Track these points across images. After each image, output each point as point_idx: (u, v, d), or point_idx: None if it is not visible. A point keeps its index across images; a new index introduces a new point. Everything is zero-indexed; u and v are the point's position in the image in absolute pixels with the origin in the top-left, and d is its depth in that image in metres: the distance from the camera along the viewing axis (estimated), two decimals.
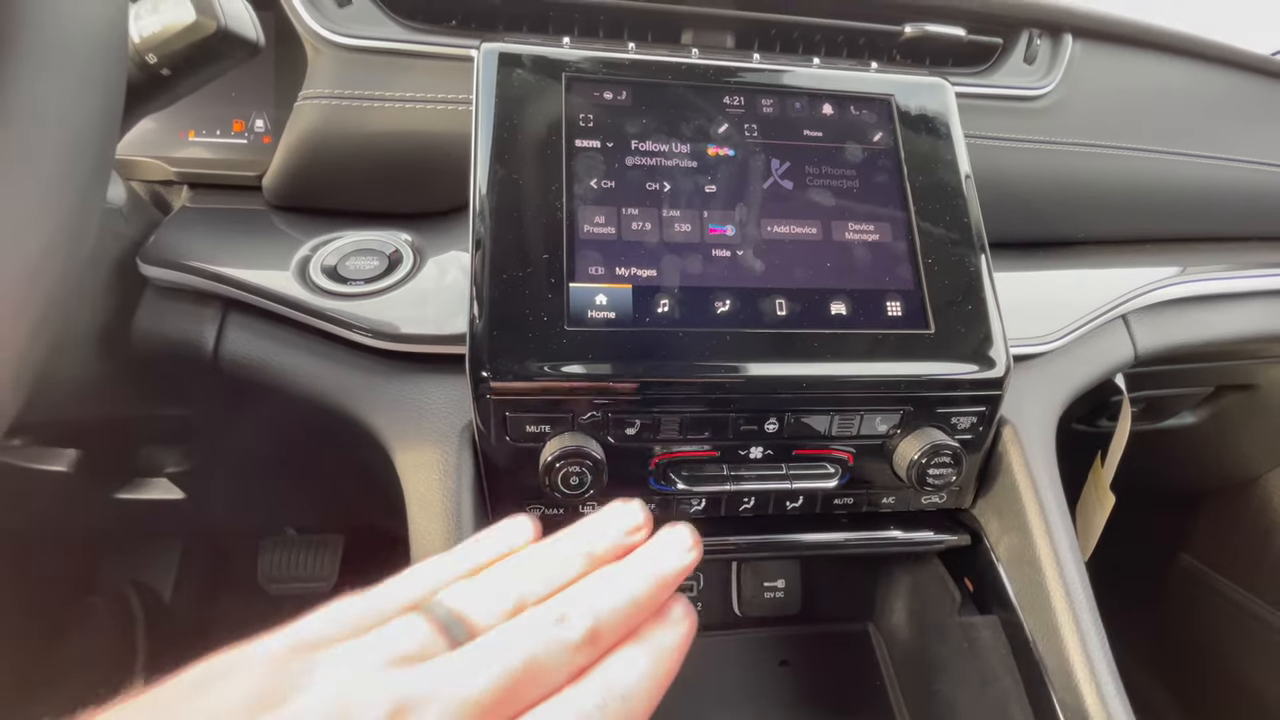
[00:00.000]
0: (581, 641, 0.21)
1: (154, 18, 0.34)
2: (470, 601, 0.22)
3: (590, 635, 0.21)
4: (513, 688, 0.20)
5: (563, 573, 0.24)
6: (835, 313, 0.42)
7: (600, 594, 0.23)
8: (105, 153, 0.28)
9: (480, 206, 0.40)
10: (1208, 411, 0.79)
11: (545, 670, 0.20)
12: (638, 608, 0.23)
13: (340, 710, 0.18)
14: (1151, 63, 0.62)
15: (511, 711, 0.20)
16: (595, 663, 0.22)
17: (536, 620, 0.21)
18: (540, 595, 0.23)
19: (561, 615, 0.22)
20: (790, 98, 0.46)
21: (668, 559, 0.24)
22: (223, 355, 0.45)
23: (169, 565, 0.95)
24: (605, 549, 0.25)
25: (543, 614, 0.22)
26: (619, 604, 0.22)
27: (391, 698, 0.19)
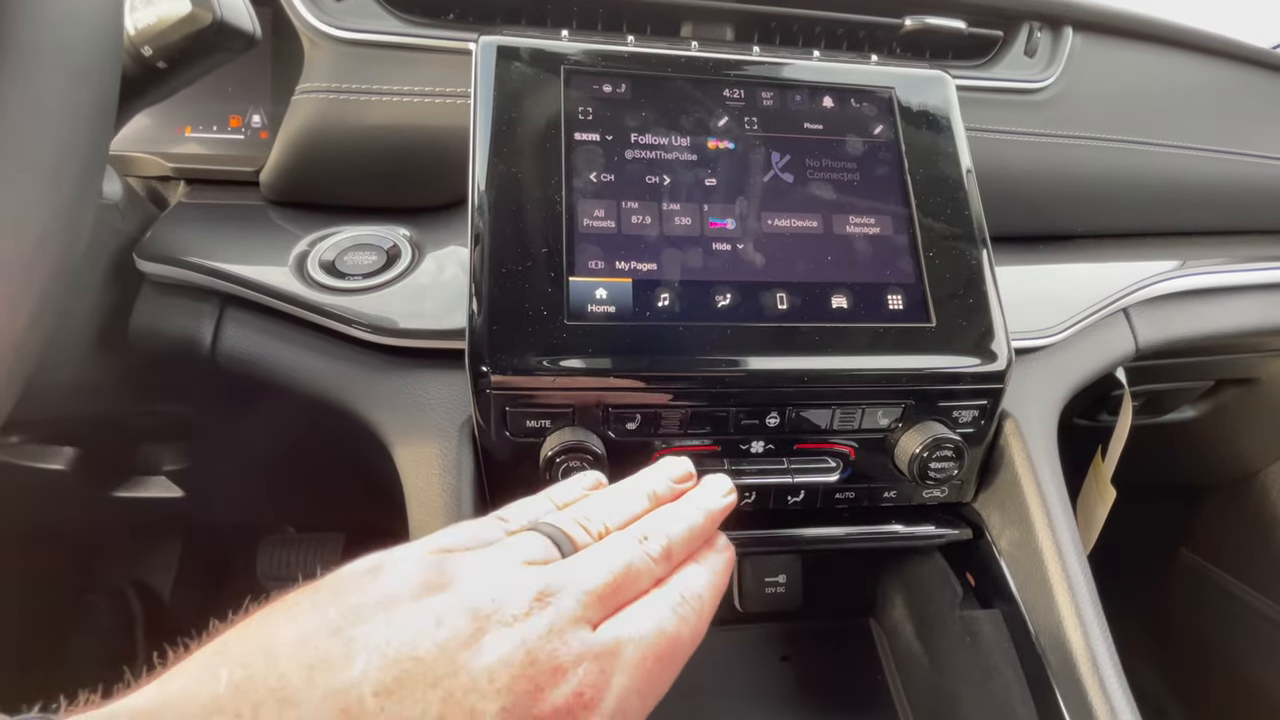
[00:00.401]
0: (660, 556, 0.27)
1: (149, 10, 0.33)
2: (570, 525, 0.27)
3: (665, 552, 0.27)
4: (618, 584, 0.25)
5: (633, 507, 0.29)
6: (836, 306, 0.42)
7: (668, 522, 0.28)
8: (99, 147, 0.28)
9: (479, 201, 0.40)
10: (1208, 406, 0.79)
11: (638, 574, 0.26)
12: (695, 534, 0.29)
13: (498, 591, 0.23)
14: (1152, 56, 0.62)
15: (618, 602, 0.25)
16: (668, 575, 0.27)
17: (626, 538, 0.27)
18: (620, 523, 0.28)
19: (644, 535, 0.27)
20: (790, 90, 0.46)
21: (713, 499, 0.31)
22: (220, 351, 0.45)
23: (168, 563, 0.95)
24: (664, 492, 0.31)
25: (629, 534, 0.27)
26: (682, 530, 0.28)
27: (535, 585, 0.23)
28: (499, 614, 0.22)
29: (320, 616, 0.21)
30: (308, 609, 0.22)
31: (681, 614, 0.26)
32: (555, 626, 0.22)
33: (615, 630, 0.24)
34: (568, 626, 0.23)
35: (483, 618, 0.22)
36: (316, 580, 0.23)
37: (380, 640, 0.20)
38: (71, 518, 0.78)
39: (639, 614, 0.25)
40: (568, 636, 0.22)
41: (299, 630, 0.21)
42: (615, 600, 0.25)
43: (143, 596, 0.90)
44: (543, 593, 0.23)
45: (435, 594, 0.22)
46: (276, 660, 0.20)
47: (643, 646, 0.24)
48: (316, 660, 0.20)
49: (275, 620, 0.21)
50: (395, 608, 0.22)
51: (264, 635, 0.21)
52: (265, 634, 0.21)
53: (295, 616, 0.21)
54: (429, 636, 0.21)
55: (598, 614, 0.24)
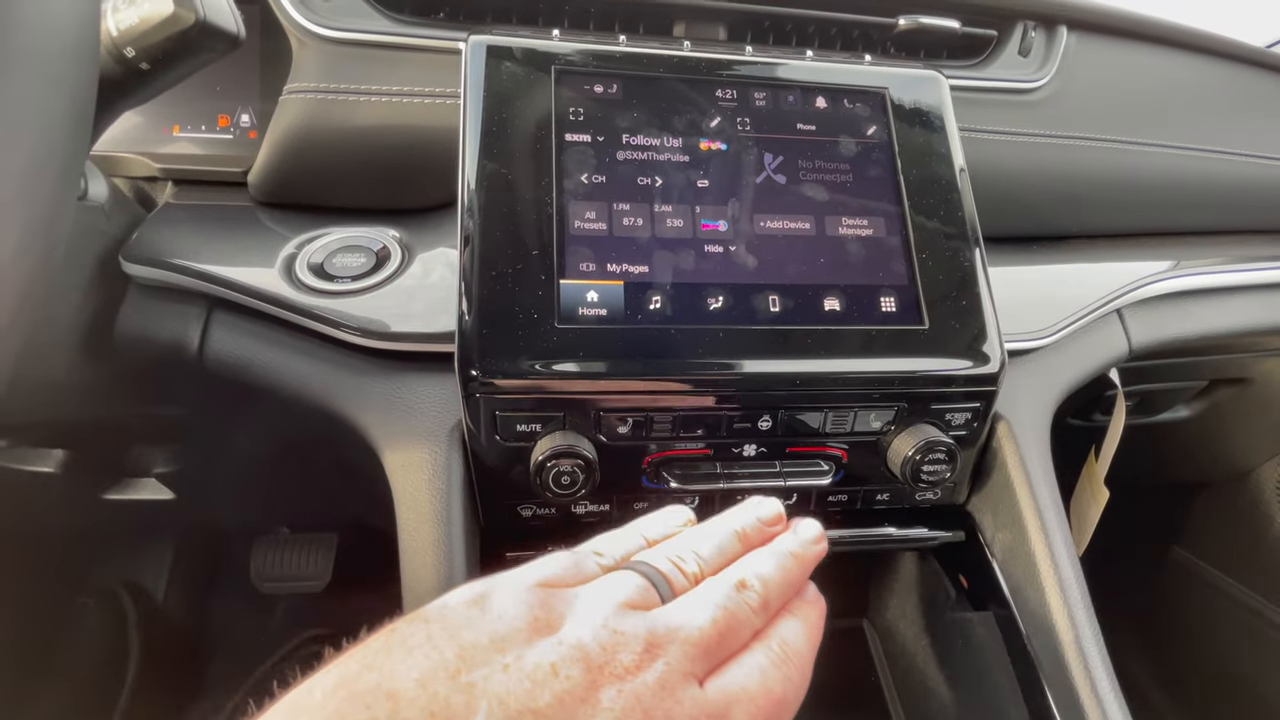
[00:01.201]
0: (759, 606, 0.26)
1: (131, 10, 0.33)
2: (666, 565, 0.27)
3: (763, 601, 0.26)
4: (722, 636, 0.24)
5: (726, 549, 0.29)
6: (829, 309, 0.42)
7: (764, 568, 0.28)
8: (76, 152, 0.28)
9: (469, 202, 0.40)
10: (1201, 405, 0.79)
11: (740, 625, 0.25)
12: (790, 583, 0.28)
13: (609, 640, 0.22)
14: (1146, 55, 0.62)
15: (722, 655, 0.25)
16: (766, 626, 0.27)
17: (724, 585, 0.26)
18: (714, 566, 0.28)
19: (741, 581, 0.26)
20: (783, 91, 0.46)
21: (806, 548, 0.30)
22: (208, 355, 0.44)
23: (161, 565, 0.94)
24: (753, 534, 0.30)
25: (726, 581, 0.26)
26: (778, 578, 0.27)
27: (644, 635, 0.23)
28: (611, 665, 0.22)
29: (437, 655, 0.21)
30: (423, 643, 0.22)
31: (785, 672, 0.25)
32: (667, 682, 0.22)
33: (725, 688, 0.24)
34: (679, 683, 0.22)
35: (595, 669, 0.22)
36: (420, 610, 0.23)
37: (500, 689, 0.21)
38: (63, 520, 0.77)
39: (746, 672, 0.24)
40: (679, 694, 0.22)
41: (418, 670, 0.21)
42: (719, 653, 0.24)
43: (136, 598, 0.90)
44: (650, 643, 0.23)
45: (545, 636, 0.22)
46: (399, 704, 0.20)
47: (750, 708, 0.23)
48: (439, 708, 0.20)
49: (393, 655, 0.21)
50: (509, 650, 0.22)
51: (385, 673, 0.21)
52: (386, 669, 0.21)
53: (411, 652, 0.21)
54: (547, 688, 0.21)
55: (704, 668, 0.24)
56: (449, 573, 0.38)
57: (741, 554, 0.29)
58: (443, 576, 0.38)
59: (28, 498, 0.67)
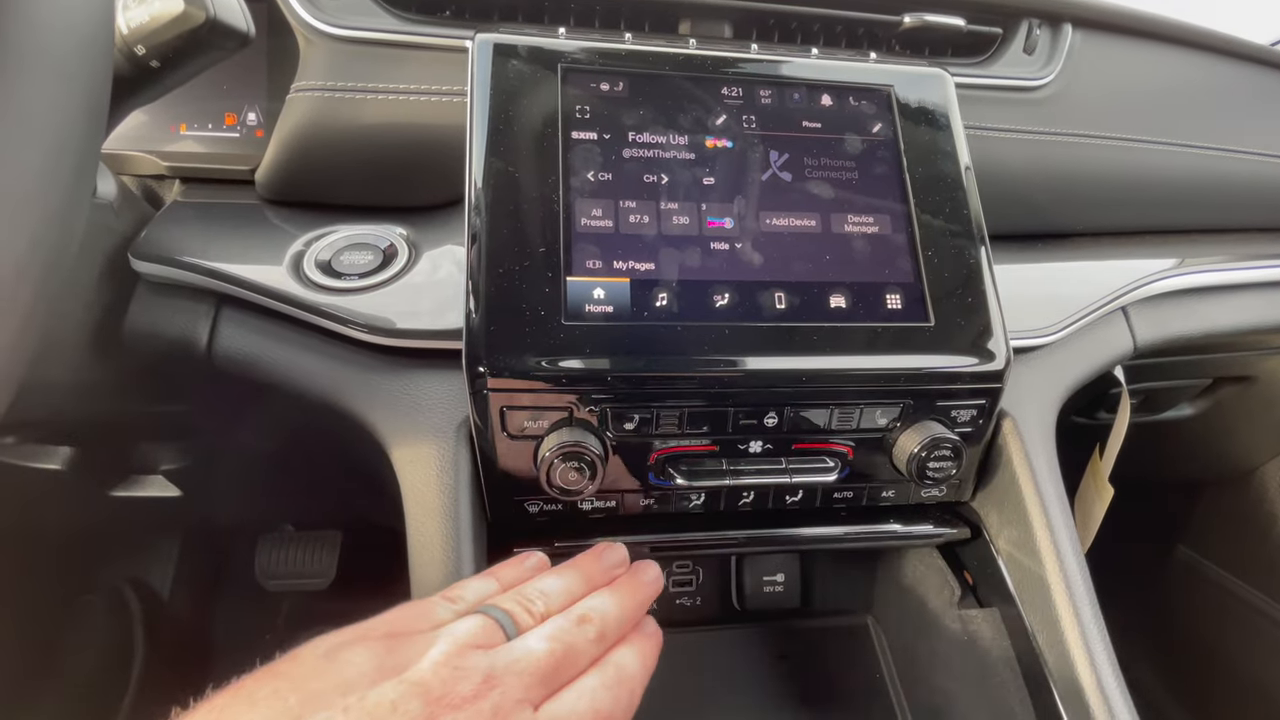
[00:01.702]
0: (596, 637, 0.29)
1: (142, 8, 0.33)
2: (514, 606, 0.30)
3: (600, 634, 0.30)
4: (558, 665, 0.27)
5: (572, 590, 0.32)
6: (834, 306, 0.42)
7: (603, 605, 0.31)
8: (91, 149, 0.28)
9: (476, 200, 0.40)
10: (1206, 403, 0.79)
11: (577, 654, 0.28)
12: (626, 618, 0.32)
13: (449, 675, 0.24)
14: (1151, 53, 0.62)
15: (558, 682, 0.27)
16: (602, 656, 0.30)
17: (566, 620, 0.29)
18: (560, 605, 0.31)
19: (581, 616, 0.30)
20: (789, 88, 0.46)
21: (641, 588, 0.34)
22: (216, 352, 0.44)
23: (167, 562, 0.95)
24: (598, 577, 0.34)
25: (568, 616, 0.30)
26: (615, 613, 0.31)
27: (484, 668, 0.25)
28: (449, 697, 0.24)
29: (281, 704, 0.22)
30: (268, 695, 0.23)
31: (615, 693, 0.28)
32: (500, 709, 0.24)
33: (555, 712, 0.26)
34: (512, 709, 0.24)
35: (434, 701, 0.23)
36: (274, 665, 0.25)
37: None
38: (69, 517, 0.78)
39: (578, 694, 0.27)
40: (513, 717, 0.24)
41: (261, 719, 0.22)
42: (556, 680, 0.27)
43: (141, 595, 0.90)
44: (489, 676, 0.25)
45: (389, 678, 0.24)
46: None
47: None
48: None
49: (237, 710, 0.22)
50: (352, 693, 0.23)
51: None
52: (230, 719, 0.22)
53: (255, 704, 0.23)
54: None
55: (539, 694, 0.26)
56: (456, 567, 0.38)
57: (587, 593, 0.32)
58: (450, 571, 0.38)
59: (35, 495, 0.67)
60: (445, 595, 0.31)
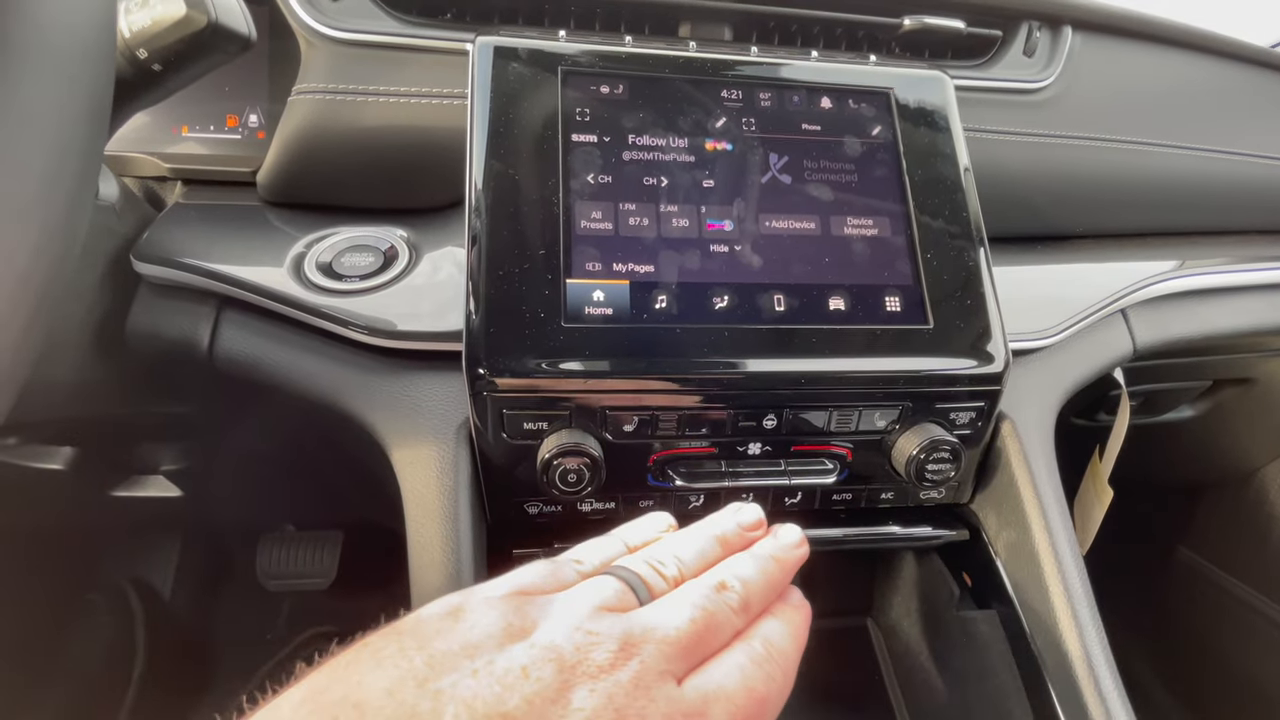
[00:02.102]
0: (739, 606, 0.26)
1: (144, 12, 0.33)
2: (645, 569, 0.27)
3: (744, 602, 0.26)
4: (700, 635, 0.24)
5: (706, 553, 0.29)
6: (834, 308, 0.42)
7: (745, 570, 0.28)
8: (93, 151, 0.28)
9: (476, 202, 0.40)
10: (1205, 405, 0.79)
11: (719, 625, 0.25)
12: (771, 585, 0.28)
13: (584, 640, 0.22)
14: (1151, 55, 0.62)
15: (701, 655, 0.24)
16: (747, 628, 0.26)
17: (703, 587, 0.26)
18: (695, 569, 0.28)
19: (721, 583, 0.26)
20: (788, 91, 0.46)
21: (787, 551, 0.30)
22: (218, 353, 0.45)
23: (168, 562, 0.95)
24: (734, 538, 0.30)
25: (706, 582, 0.26)
26: (759, 580, 0.27)
27: (619, 634, 0.23)
28: (584, 665, 0.22)
29: (407, 664, 0.21)
30: (394, 654, 0.21)
31: (768, 671, 0.25)
32: (642, 681, 0.22)
33: (702, 687, 0.23)
34: (654, 681, 0.22)
35: (568, 669, 0.21)
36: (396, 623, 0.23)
37: (468, 693, 0.20)
38: (71, 517, 0.78)
39: (725, 670, 0.24)
40: (654, 693, 0.22)
41: (386, 680, 0.20)
42: (699, 652, 0.24)
43: (142, 595, 0.90)
44: (626, 643, 0.23)
45: (518, 641, 0.22)
46: (365, 713, 0.19)
47: (729, 708, 0.23)
48: (405, 715, 0.19)
49: (362, 667, 0.21)
50: (480, 656, 0.21)
51: (352, 684, 0.20)
52: (354, 681, 0.20)
53: (381, 663, 0.21)
54: (517, 690, 0.20)
55: (682, 667, 0.23)
56: (456, 568, 0.38)
57: (722, 558, 0.29)
58: (450, 572, 0.38)
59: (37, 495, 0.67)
60: (569, 556, 0.28)
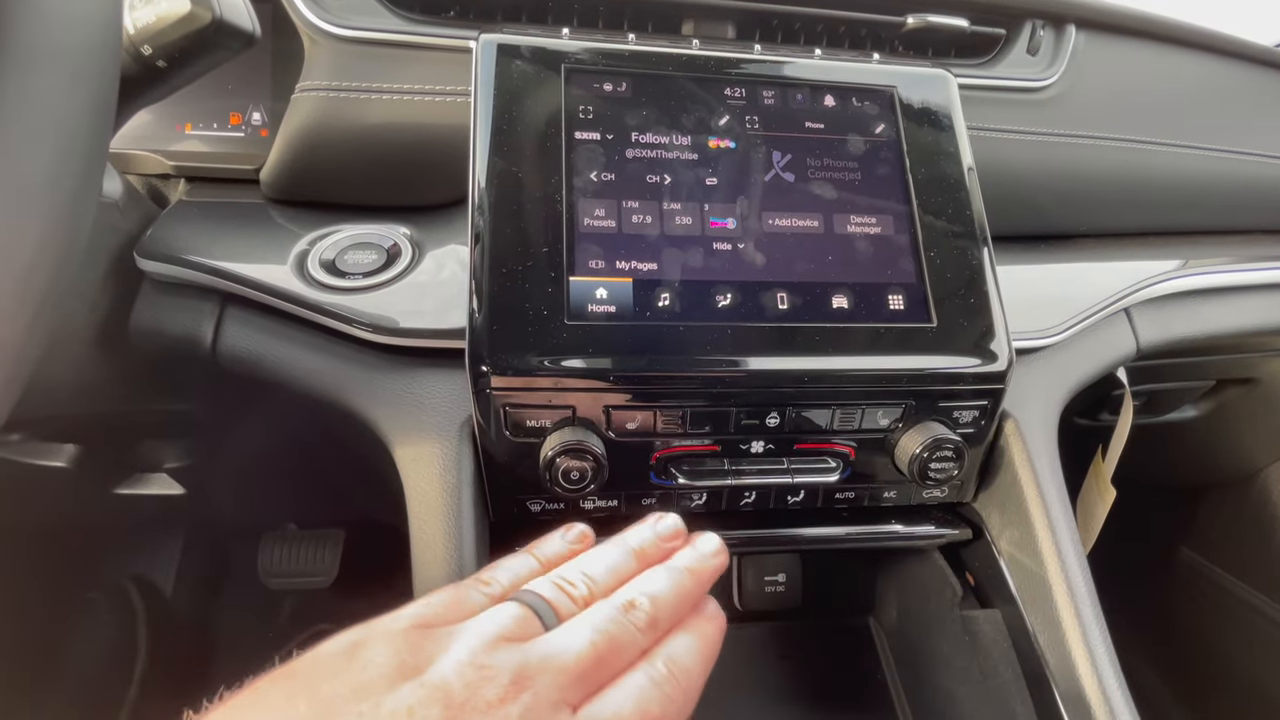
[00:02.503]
0: (646, 625, 0.26)
1: (149, 9, 0.33)
2: (553, 592, 0.27)
3: (651, 621, 0.26)
4: (599, 659, 0.24)
5: (620, 568, 0.28)
6: (837, 306, 0.42)
7: (655, 586, 0.27)
8: (99, 148, 0.28)
9: (479, 200, 0.40)
10: (1209, 405, 0.79)
11: (623, 646, 0.25)
12: (682, 599, 0.28)
13: (475, 677, 0.22)
14: (1155, 54, 0.62)
15: (600, 680, 0.24)
16: (655, 644, 0.26)
17: (610, 608, 0.26)
18: (606, 586, 0.27)
19: (629, 603, 0.26)
20: (792, 89, 0.46)
21: (703, 562, 0.30)
22: (221, 350, 0.45)
23: (169, 560, 0.95)
24: (651, 550, 0.30)
25: (614, 602, 0.26)
26: (669, 595, 0.27)
27: (513, 667, 0.23)
28: (473, 702, 0.21)
29: (293, 710, 0.21)
30: (279, 701, 0.21)
31: (666, 691, 0.24)
32: (532, 711, 0.22)
33: (598, 714, 0.23)
34: (546, 712, 0.22)
35: (456, 707, 0.21)
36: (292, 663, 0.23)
37: None
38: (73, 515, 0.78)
39: (624, 695, 0.24)
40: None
41: None
42: (597, 677, 0.24)
43: (144, 593, 0.90)
44: (519, 676, 0.22)
45: (409, 680, 0.22)
46: None
47: None
48: None
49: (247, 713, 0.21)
50: (368, 698, 0.21)
51: None
52: None
53: (268, 707, 0.21)
54: None
55: (577, 695, 0.23)
56: (459, 565, 0.38)
57: (637, 572, 0.28)
58: (452, 569, 0.38)
59: (40, 492, 0.67)
60: (479, 577, 0.28)
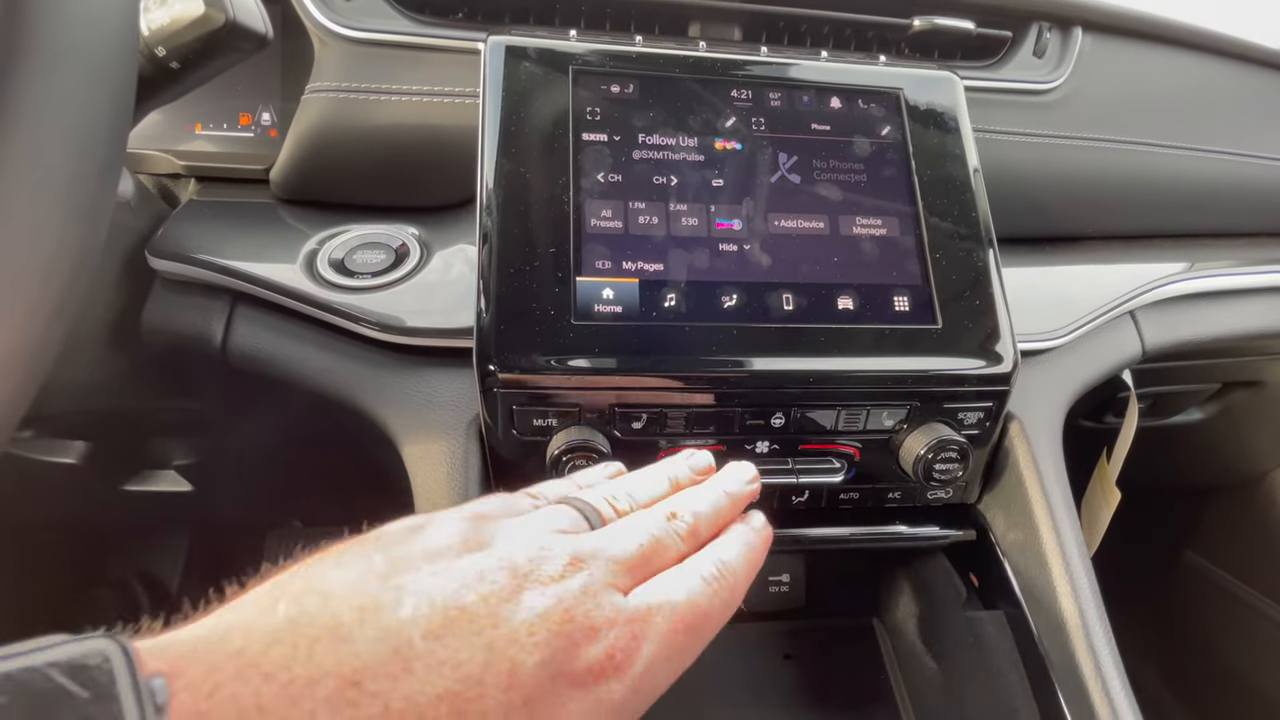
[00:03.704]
0: (687, 534, 0.27)
1: (163, 10, 0.34)
2: (598, 500, 0.28)
3: (692, 530, 0.28)
4: (646, 556, 0.26)
5: (656, 490, 0.30)
6: (842, 307, 0.42)
7: (693, 501, 0.29)
8: (117, 148, 0.28)
9: (487, 200, 0.40)
10: (1214, 408, 0.79)
11: (665, 547, 0.27)
12: (720, 514, 0.29)
13: (536, 554, 0.24)
14: (1162, 56, 0.61)
15: (647, 572, 0.26)
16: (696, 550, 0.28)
17: (653, 514, 0.28)
18: (645, 503, 0.29)
19: (671, 513, 0.28)
20: (798, 91, 0.46)
21: (739, 485, 0.31)
22: (231, 348, 0.45)
23: (176, 557, 0.95)
24: (684, 480, 0.31)
25: (656, 511, 0.28)
26: (707, 510, 0.29)
27: (569, 550, 0.24)
28: (536, 573, 0.23)
29: (368, 563, 0.22)
30: (356, 557, 0.23)
31: (713, 587, 0.26)
32: (589, 589, 0.23)
33: (646, 597, 0.25)
34: (601, 590, 0.24)
35: (521, 575, 0.23)
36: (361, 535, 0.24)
37: (427, 587, 0.21)
38: (81, 511, 0.79)
39: (670, 582, 0.25)
40: (601, 599, 0.23)
41: (349, 575, 0.22)
42: (645, 571, 0.26)
43: (149, 589, 0.91)
44: (575, 557, 0.24)
45: (475, 552, 0.23)
46: (330, 599, 0.20)
47: (672, 616, 0.24)
48: (368, 602, 0.20)
49: (325, 566, 0.22)
50: (439, 560, 0.23)
51: (316, 577, 0.21)
52: (318, 576, 0.22)
53: (344, 563, 0.22)
54: (472, 589, 0.22)
55: (628, 582, 0.25)
56: None
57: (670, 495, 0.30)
58: None
59: (49, 488, 0.68)
60: (526, 491, 0.30)
